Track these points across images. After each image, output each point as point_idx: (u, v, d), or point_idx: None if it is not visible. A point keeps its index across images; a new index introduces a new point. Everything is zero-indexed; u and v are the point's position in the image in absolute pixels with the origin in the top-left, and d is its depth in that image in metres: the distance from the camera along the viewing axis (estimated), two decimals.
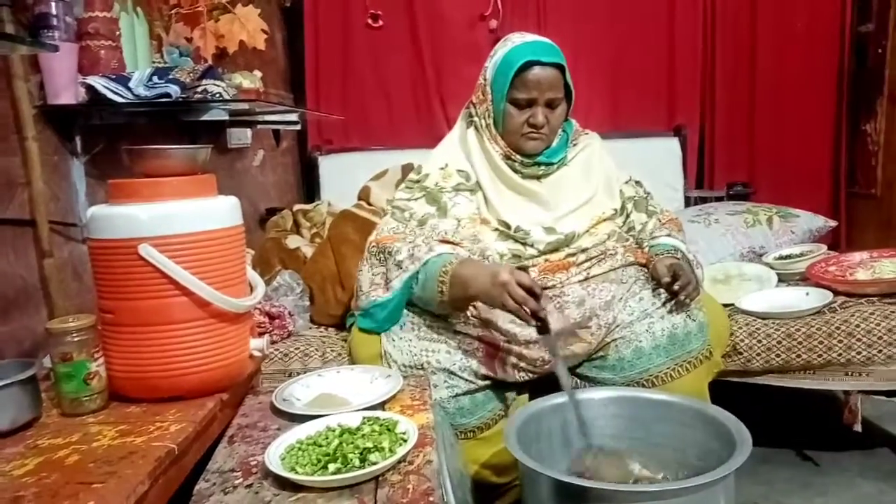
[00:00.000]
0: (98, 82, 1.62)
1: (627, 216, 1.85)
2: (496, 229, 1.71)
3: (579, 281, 1.67)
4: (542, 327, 1.43)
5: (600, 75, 3.25)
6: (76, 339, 1.17)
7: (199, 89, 1.74)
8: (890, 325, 1.77)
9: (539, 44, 1.67)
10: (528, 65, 1.63)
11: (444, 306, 1.56)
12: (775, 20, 3.32)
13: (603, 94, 3.29)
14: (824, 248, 2.28)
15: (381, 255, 1.63)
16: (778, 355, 1.81)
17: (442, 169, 1.76)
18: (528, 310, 1.41)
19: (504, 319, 1.58)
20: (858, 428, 1.85)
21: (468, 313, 1.59)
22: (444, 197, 1.71)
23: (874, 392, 1.83)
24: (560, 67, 1.65)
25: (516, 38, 1.70)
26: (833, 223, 2.60)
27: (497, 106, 1.69)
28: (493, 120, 1.72)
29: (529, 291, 1.41)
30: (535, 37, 1.70)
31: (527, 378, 1.63)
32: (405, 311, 1.63)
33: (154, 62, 1.96)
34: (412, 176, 1.79)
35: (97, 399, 1.20)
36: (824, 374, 1.83)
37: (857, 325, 1.79)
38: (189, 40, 2.15)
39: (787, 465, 2.07)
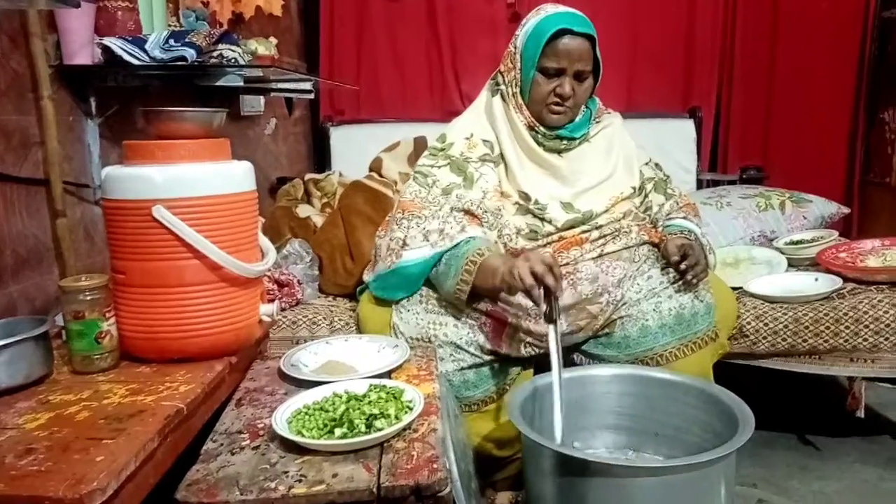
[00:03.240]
0: (114, 43, 1.62)
1: (646, 196, 1.84)
2: (516, 203, 1.70)
3: (593, 258, 1.67)
4: (548, 316, 1.42)
5: (616, 54, 3.20)
6: (89, 298, 1.19)
7: (215, 54, 1.74)
8: None
9: (572, 14, 1.66)
10: (560, 33, 1.61)
11: (459, 291, 1.54)
12: (797, 3, 3.27)
13: (618, 73, 3.25)
14: (836, 234, 2.27)
15: (404, 221, 1.62)
16: (784, 339, 1.81)
17: (467, 139, 1.74)
18: (541, 291, 1.40)
19: (518, 294, 1.58)
20: (861, 414, 1.86)
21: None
22: (470, 167, 1.70)
23: (878, 379, 1.84)
24: (591, 40, 1.64)
25: (550, 9, 1.69)
26: (846, 210, 2.57)
27: (526, 74, 1.68)
28: (520, 89, 1.71)
29: (550, 270, 1.40)
30: (567, 8, 1.69)
31: (533, 353, 1.64)
32: None
33: (170, 25, 1.95)
34: (436, 143, 1.78)
35: (108, 358, 1.21)
36: (830, 359, 1.83)
37: (865, 312, 1.78)
38: (205, 4, 2.14)
39: (788, 448, 2.08)
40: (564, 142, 1.75)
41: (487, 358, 1.61)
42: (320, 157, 3.21)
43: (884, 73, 3.23)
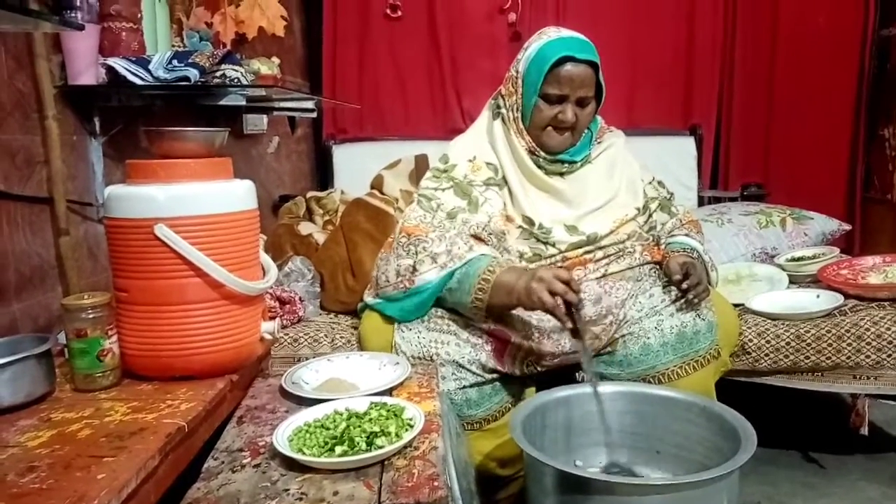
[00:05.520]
0: (118, 64, 1.64)
1: (650, 216, 1.84)
2: (519, 226, 1.69)
3: (596, 278, 1.66)
4: (575, 331, 1.43)
5: (617, 72, 3.22)
6: (91, 316, 1.19)
7: (218, 74, 1.76)
8: None
9: (575, 40, 1.65)
10: (563, 60, 1.61)
11: (475, 309, 1.54)
12: (796, 21, 3.30)
13: (620, 91, 3.28)
14: (837, 251, 2.27)
15: (411, 247, 1.61)
16: (786, 356, 1.81)
17: (471, 161, 1.73)
18: (563, 307, 1.41)
19: (521, 311, 1.58)
20: (865, 432, 1.85)
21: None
22: (475, 191, 1.69)
23: (882, 396, 1.83)
24: (594, 66, 1.63)
25: (552, 33, 1.68)
26: (847, 227, 2.58)
27: (527, 100, 1.67)
28: (521, 114, 1.71)
29: (567, 285, 1.41)
30: (570, 32, 1.68)
31: (535, 372, 1.64)
32: None
33: (174, 46, 1.98)
34: (438, 165, 1.77)
35: (110, 376, 1.22)
36: (832, 376, 1.82)
37: (867, 329, 1.78)
38: (209, 25, 2.16)
39: (791, 466, 2.06)
40: (566, 165, 1.74)
41: (489, 377, 1.61)
42: (323, 175, 3.24)
43: (883, 90, 3.25)
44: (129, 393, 1.20)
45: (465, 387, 1.59)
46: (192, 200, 1.21)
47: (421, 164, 2.31)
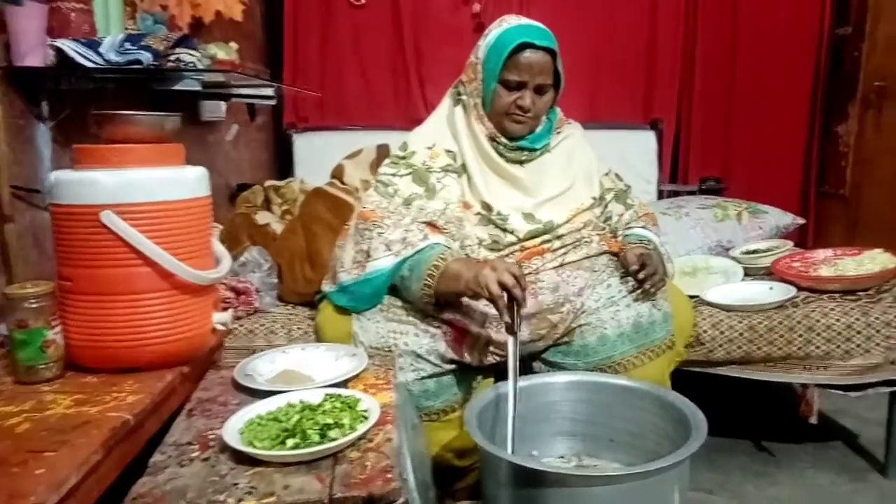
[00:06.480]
0: (67, 45, 1.58)
1: (606, 206, 1.86)
2: (478, 213, 1.70)
3: (554, 267, 1.68)
4: (510, 327, 1.43)
5: (579, 65, 3.24)
6: (34, 306, 1.15)
7: (172, 58, 1.71)
8: (849, 322, 1.81)
9: (534, 27, 1.66)
10: (522, 47, 1.62)
11: (424, 296, 1.54)
12: (756, 19, 3.36)
13: (581, 84, 3.29)
14: (790, 244, 2.32)
15: (366, 231, 1.61)
16: (740, 347, 1.84)
17: (429, 148, 1.74)
18: (505, 301, 1.41)
19: (481, 301, 1.57)
20: (814, 421, 1.89)
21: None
22: (433, 178, 1.69)
23: (831, 386, 1.86)
24: (552, 53, 1.65)
25: (512, 20, 1.70)
26: (801, 221, 2.63)
27: (487, 86, 1.68)
28: (482, 100, 1.71)
29: (517, 281, 1.41)
30: (530, 21, 1.70)
31: (494, 362, 1.64)
32: None
33: (126, 28, 1.92)
34: (397, 152, 1.77)
35: (53, 367, 1.18)
36: (784, 366, 1.86)
37: (818, 321, 1.82)
38: (164, 8, 2.11)
39: (743, 454, 2.11)
40: (525, 153, 1.76)
41: (448, 367, 1.61)
42: (283, 164, 3.19)
43: (837, 88, 3.32)
44: (72, 385, 1.17)
45: (423, 377, 1.58)
46: (140, 186, 1.18)
47: (383, 153, 2.29)
